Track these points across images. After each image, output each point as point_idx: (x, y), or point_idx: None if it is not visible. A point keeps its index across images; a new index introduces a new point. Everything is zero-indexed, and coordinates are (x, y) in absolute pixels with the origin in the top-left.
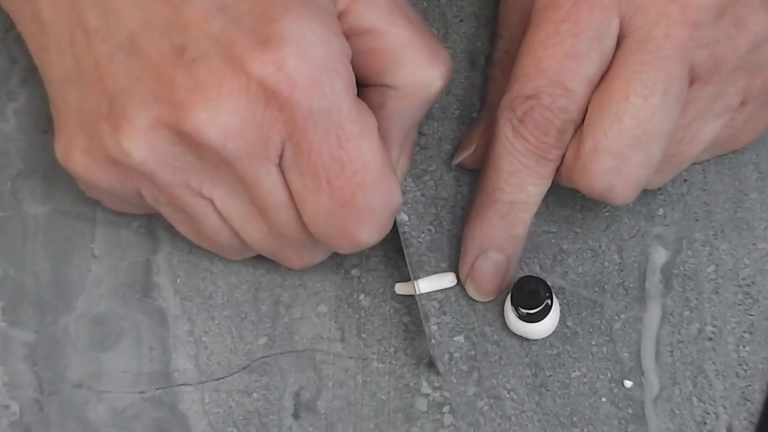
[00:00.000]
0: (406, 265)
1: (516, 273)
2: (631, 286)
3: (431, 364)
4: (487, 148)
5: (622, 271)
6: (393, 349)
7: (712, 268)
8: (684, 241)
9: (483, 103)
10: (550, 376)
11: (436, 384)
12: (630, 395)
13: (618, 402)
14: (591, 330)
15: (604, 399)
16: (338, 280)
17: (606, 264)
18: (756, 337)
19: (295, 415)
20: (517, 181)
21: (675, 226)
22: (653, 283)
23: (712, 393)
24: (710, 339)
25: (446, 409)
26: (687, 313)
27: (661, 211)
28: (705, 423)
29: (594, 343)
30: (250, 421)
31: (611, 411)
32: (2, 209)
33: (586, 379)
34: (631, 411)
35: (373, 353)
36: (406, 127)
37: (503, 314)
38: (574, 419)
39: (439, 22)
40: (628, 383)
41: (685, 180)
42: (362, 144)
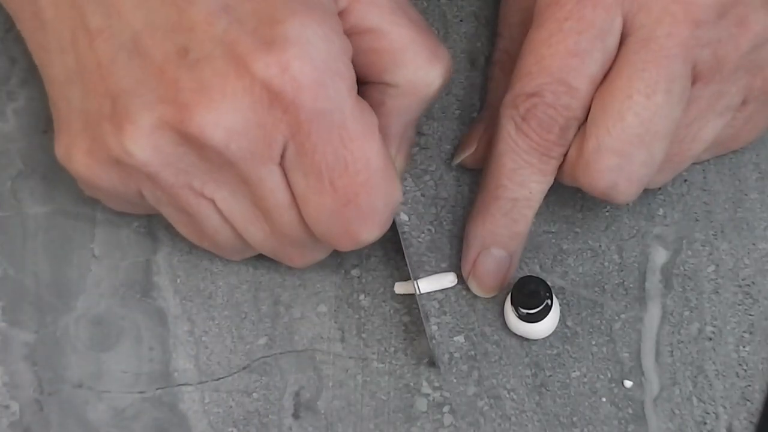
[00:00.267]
0: (406, 265)
1: (516, 273)
2: (631, 286)
3: (431, 364)
4: (488, 148)
5: (622, 271)
6: (393, 349)
7: (712, 268)
8: (684, 241)
9: (483, 103)
10: (550, 376)
11: (436, 384)
12: (630, 395)
13: (618, 402)
14: (591, 330)
15: (604, 399)
16: (338, 280)
17: (606, 264)
18: (756, 337)
19: (295, 415)
20: (520, 179)
21: (675, 226)
22: (653, 283)
23: (712, 393)
24: (710, 339)
25: (446, 409)
26: (687, 313)
27: (661, 211)
28: (705, 423)
29: (594, 343)
30: (250, 421)
31: (611, 411)
32: (2, 209)
33: (586, 379)
34: (631, 411)
35: (373, 353)
36: (404, 125)
37: (503, 314)
38: (574, 419)
39: (439, 22)
40: (628, 383)
41: (685, 180)
42: (365, 143)
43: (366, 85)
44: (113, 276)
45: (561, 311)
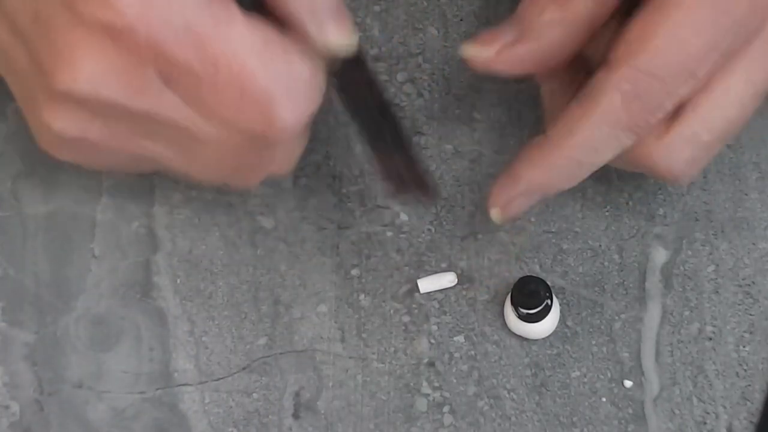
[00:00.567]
0: (406, 266)
1: (516, 273)
2: (631, 286)
3: (431, 364)
4: (510, 57)
5: (622, 271)
6: (393, 349)
7: (712, 268)
8: (684, 241)
9: (483, 103)
10: (550, 376)
11: (436, 384)
12: (630, 395)
13: (618, 402)
14: (591, 330)
15: (604, 399)
16: (338, 280)
17: (606, 264)
18: (756, 337)
19: (295, 415)
20: (600, 146)
21: (675, 226)
22: (653, 283)
23: (712, 393)
24: (710, 339)
25: (446, 409)
26: (687, 313)
27: (661, 211)
28: (705, 423)
29: (594, 343)
30: (250, 421)
31: (611, 411)
32: (2, 209)
33: (586, 379)
34: (631, 411)
35: (373, 353)
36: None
37: (503, 314)
38: (574, 419)
39: (439, 21)
40: (628, 383)
41: None
42: (221, 37)
43: None
44: (113, 276)
45: (561, 311)
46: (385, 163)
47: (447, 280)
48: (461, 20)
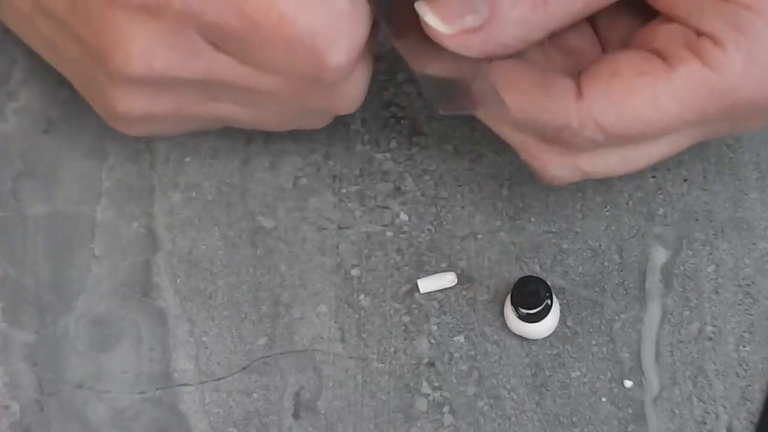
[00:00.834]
0: (406, 266)
1: (516, 273)
2: (631, 286)
3: (431, 364)
4: None
5: (622, 271)
6: (393, 349)
7: (712, 267)
8: (684, 241)
9: None
10: (550, 376)
11: (436, 384)
12: (630, 395)
13: (618, 402)
14: (591, 330)
15: (604, 399)
16: (338, 280)
17: (606, 264)
18: (756, 337)
19: (295, 415)
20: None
21: (675, 226)
22: (653, 283)
23: (712, 393)
24: (710, 339)
25: (446, 409)
26: (687, 313)
27: (661, 211)
28: (705, 423)
29: (594, 343)
30: (250, 421)
31: (611, 411)
32: (2, 209)
33: (586, 379)
34: (631, 411)
35: (373, 353)
36: None
37: (503, 314)
38: (574, 419)
39: None
40: (628, 383)
41: (685, 180)
42: None
43: None
44: (113, 276)
45: (561, 311)
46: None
47: (447, 280)
48: None
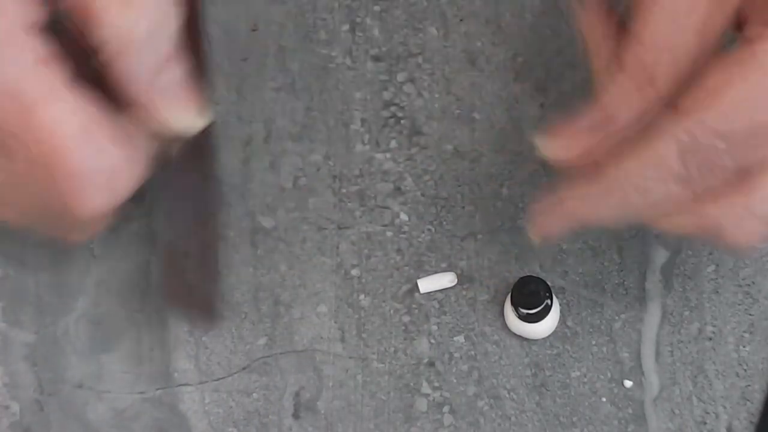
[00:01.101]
0: (406, 266)
1: (516, 273)
2: (631, 286)
3: (431, 364)
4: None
5: (622, 271)
6: (393, 349)
7: (712, 268)
8: (684, 241)
9: (483, 103)
10: (550, 376)
11: (436, 384)
12: (630, 395)
13: (618, 402)
14: (591, 330)
15: (604, 399)
16: (338, 280)
17: (606, 264)
18: (756, 337)
19: (295, 415)
20: (646, 188)
21: None
22: (653, 283)
23: (712, 393)
24: (710, 339)
25: (446, 409)
26: (687, 313)
27: None
28: (705, 423)
29: (594, 343)
30: (250, 421)
31: (611, 411)
32: None
33: (586, 379)
34: (631, 411)
35: (373, 353)
36: (146, 75)
37: (503, 314)
38: (574, 419)
39: (439, 21)
40: (628, 383)
41: None
42: (42, 109)
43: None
44: (113, 276)
45: (561, 311)
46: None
47: (447, 280)
48: (461, 20)
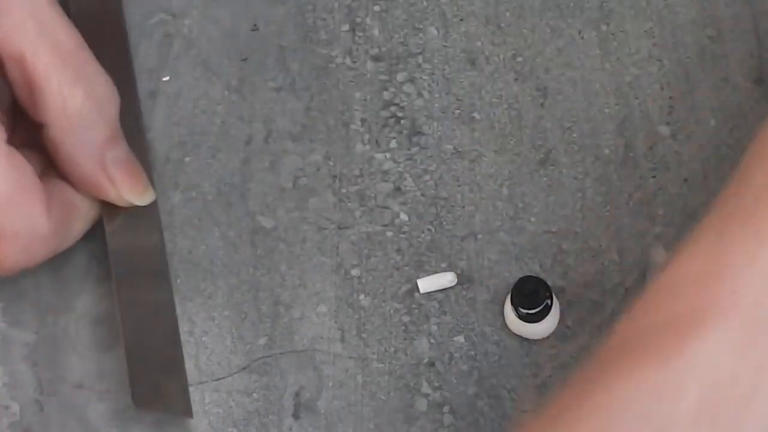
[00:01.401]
0: (406, 266)
1: (516, 273)
2: (631, 286)
3: (431, 364)
4: None
5: (622, 271)
6: (393, 349)
7: None
8: None
9: (483, 103)
10: (550, 376)
11: (436, 384)
12: None
13: None
14: (591, 330)
15: None
16: (338, 280)
17: (606, 264)
18: None
19: (295, 415)
20: None
21: (675, 226)
22: None
23: None
24: None
25: (446, 409)
26: None
27: (661, 211)
28: None
29: (594, 343)
30: (250, 421)
31: None
32: None
33: None
34: None
35: (373, 353)
36: (90, 155)
37: (503, 314)
38: None
39: (439, 21)
40: None
41: (686, 180)
42: None
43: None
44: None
45: (561, 311)
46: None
47: (447, 280)
48: (461, 20)
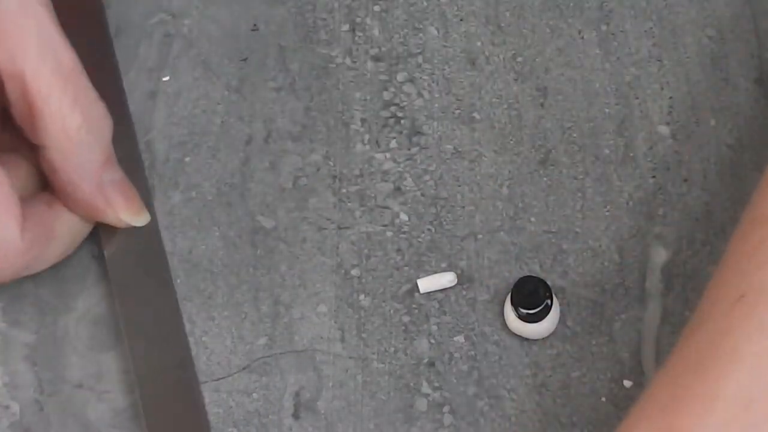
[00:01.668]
0: (406, 266)
1: (516, 273)
2: (631, 286)
3: (431, 364)
4: None
5: (622, 271)
6: (393, 349)
7: (712, 268)
8: (684, 241)
9: (483, 103)
10: (550, 376)
11: (436, 384)
12: (630, 395)
13: (618, 402)
14: (591, 330)
15: (604, 399)
16: (338, 280)
17: (606, 264)
18: None
19: (295, 415)
20: None
21: (675, 226)
22: (653, 283)
23: None
24: None
25: (446, 409)
26: (687, 313)
27: (661, 211)
28: None
29: (594, 343)
30: (250, 421)
31: (611, 411)
32: None
33: (586, 379)
34: None
35: (373, 353)
36: (90, 176)
37: (503, 314)
38: (574, 419)
39: (439, 21)
40: (627, 383)
41: (685, 180)
42: None
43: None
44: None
45: (561, 311)
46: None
47: (447, 280)
48: (461, 20)
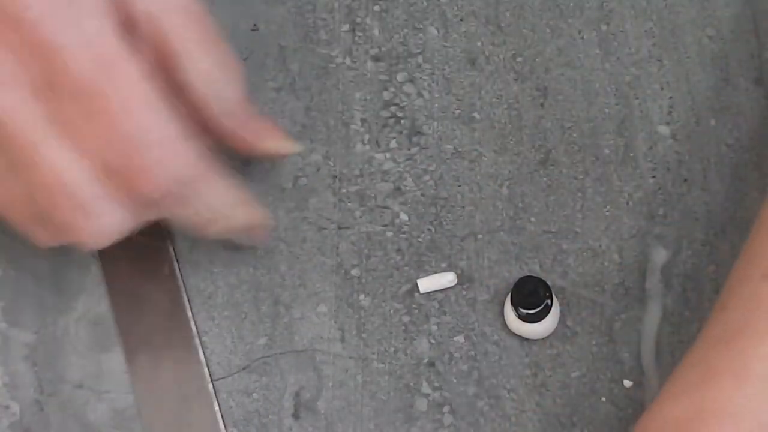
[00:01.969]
0: (406, 266)
1: (516, 273)
2: (631, 286)
3: (431, 364)
4: None
5: (622, 271)
6: (393, 349)
7: (712, 268)
8: (684, 241)
9: (483, 103)
10: (550, 376)
11: (436, 384)
12: (630, 395)
13: (618, 402)
14: (591, 330)
15: (604, 399)
16: (338, 280)
17: (606, 264)
18: None
19: (295, 415)
20: None
21: (675, 226)
22: (653, 283)
23: None
24: None
25: (446, 409)
26: (687, 313)
27: (661, 211)
28: None
29: (594, 343)
30: (250, 421)
31: (611, 411)
32: None
33: (586, 379)
34: (631, 411)
35: (373, 353)
36: (233, 110)
37: (503, 314)
38: (574, 419)
39: (439, 21)
40: (628, 383)
41: (685, 180)
42: (121, 63)
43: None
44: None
45: (561, 311)
46: None
47: (447, 280)
48: (461, 20)
